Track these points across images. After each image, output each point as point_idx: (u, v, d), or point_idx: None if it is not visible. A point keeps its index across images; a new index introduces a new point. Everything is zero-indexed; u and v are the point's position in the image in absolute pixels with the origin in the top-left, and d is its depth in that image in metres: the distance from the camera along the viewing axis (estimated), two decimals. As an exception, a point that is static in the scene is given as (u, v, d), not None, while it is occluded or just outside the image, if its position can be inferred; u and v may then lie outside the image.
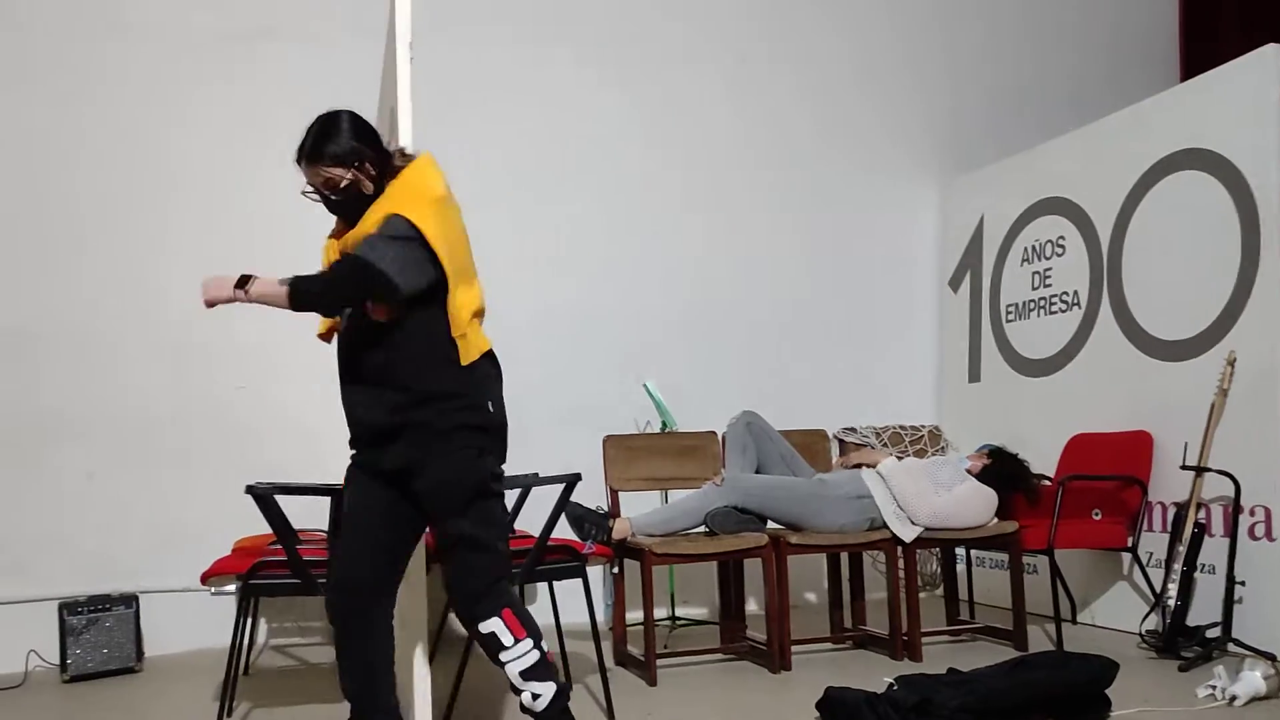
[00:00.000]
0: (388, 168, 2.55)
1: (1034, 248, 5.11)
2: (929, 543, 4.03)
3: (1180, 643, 3.77)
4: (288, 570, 3.07)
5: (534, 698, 2.52)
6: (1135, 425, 4.39)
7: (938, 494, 3.97)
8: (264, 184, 4.46)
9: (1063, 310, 4.89)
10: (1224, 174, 4.12)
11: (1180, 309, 4.27)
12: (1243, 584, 3.81)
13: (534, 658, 2.50)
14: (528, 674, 2.50)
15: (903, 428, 4.53)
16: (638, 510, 3.96)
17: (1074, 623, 4.54)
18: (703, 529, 3.88)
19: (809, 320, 5.52)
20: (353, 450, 2.63)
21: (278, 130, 2.88)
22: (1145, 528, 4.30)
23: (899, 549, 3.98)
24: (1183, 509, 3.98)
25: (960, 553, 4.65)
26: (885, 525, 3.96)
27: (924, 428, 4.55)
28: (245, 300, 2.43)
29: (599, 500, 4.12)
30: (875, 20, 5.81)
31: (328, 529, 3.43)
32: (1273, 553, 3.83)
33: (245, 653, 4.08)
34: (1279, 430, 3.84)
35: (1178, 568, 3.87)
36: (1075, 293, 4.83)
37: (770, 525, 4.01)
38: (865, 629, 4.25)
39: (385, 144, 2.61)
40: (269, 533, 3.06)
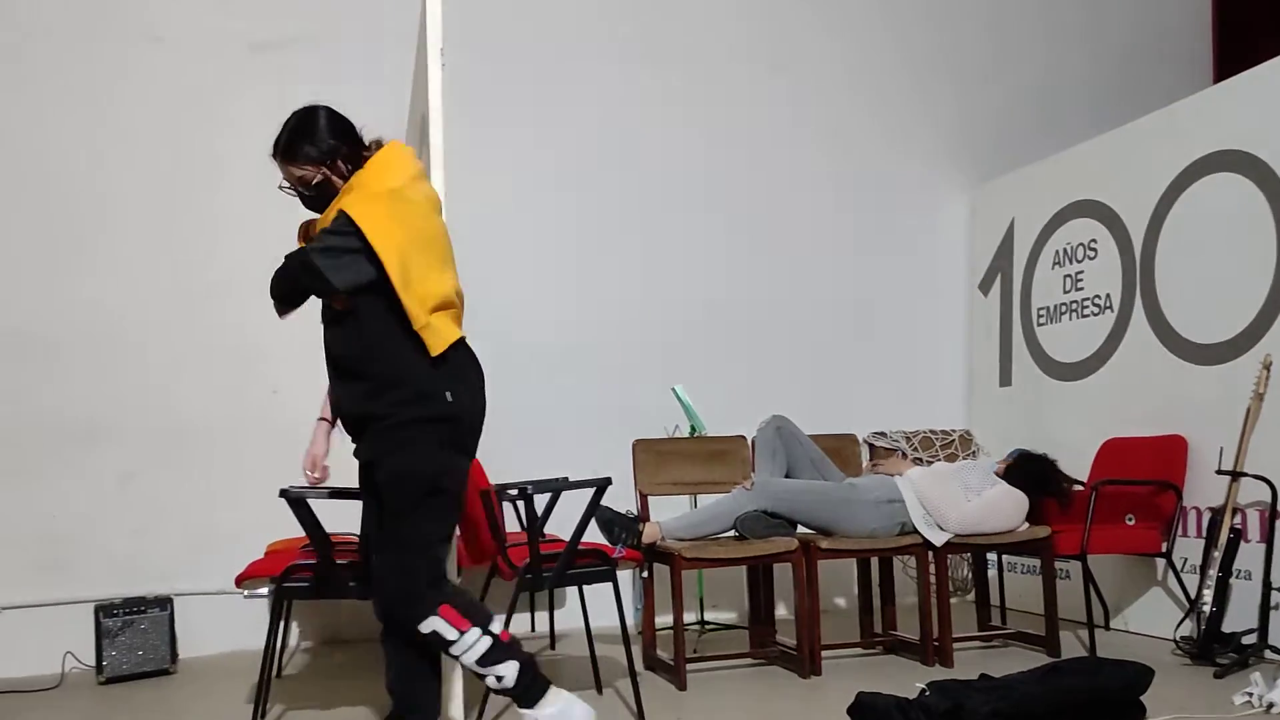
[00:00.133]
0: (359, 162, 2.56)
1: (1065, 250, 5.07)
2: (960, 547, 4.01)
3: (1216, 649, 3.72)
4: (318, 573, 3.09)
5: (498, 680, 2.50)
6: (1169, 429, 4.35)
7: (967, 499, 3.95)
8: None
9: (1095, 313, 4.85)
10: (1258, 175, 4.08)
11: (1215, 312, 4.23)
12: (1279, 590, 3.77)
13: (485, 644, 2.47)
14: (484, 660, 2.49)
15: (933, 432, 4.51)
16: (667, 514, 3.96)
17: (1107, 629, 4.50)
18: (732, 533, 3.88)
19: (839, 324, 5.51)
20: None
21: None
22: (1180, 533, 4.25)
23: (930, 554, 3.96)
24: (1218, 514, 3.93)
25: (991, 558, 4.62)
26: (916, 530, 3.94)
27: (955, 432, 4.52)
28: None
29: (628, 504, 4.12)
30: (905, 21, 5.79)
31: (360, 532, 3.46)
32: (1311, 558, 3.79)
33: (279, 655, 4.12)
34: (1317, 434, 3.80)
35: (1213, 573, 3.82)
36: (1107, 296, 4.79)
37: (800, 530, 4.00)
38: (896, 634, 4.23)
39: (361, 137, 2.62)
40: (302, 536, 3.08)
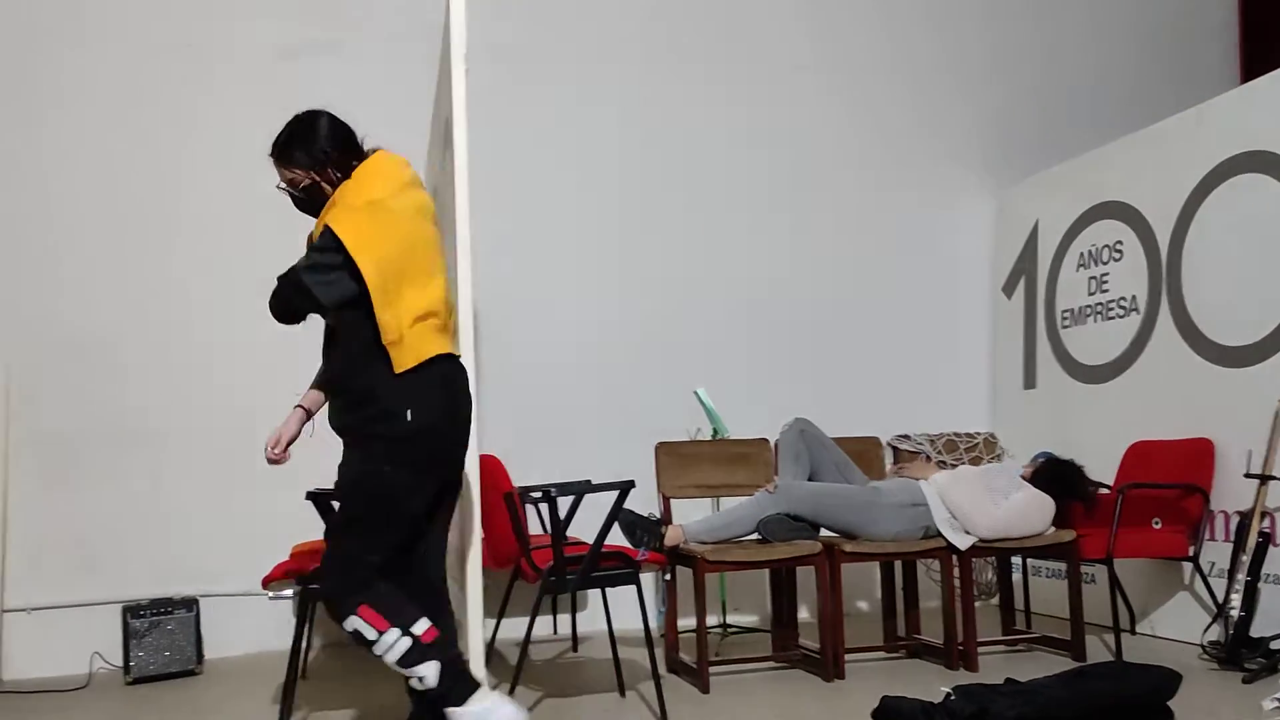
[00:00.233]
0: (348, 172, 2.58)
1: (1090, 252, 5.04)
2: (984, 551, 3.98)
3: (1244, 654, 3.68)
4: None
5: (420, 681, 2.48)
6: (1196, 432, 4.31)
7: (995, 504, 3.92)
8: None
9: (1120, 316, 4.82)
10: (1287, 176, 4.04)
11: (1242, 314, 4.19)
12: (1309, 595, 3.74)
13: (405, 645, 2.45)
14: (404, 661, 2.47)
15: (957, 435, 4.48)
16: (689, 517, 3.96)
17: (1133, 633, 4.46)
18: (755, 536, 3.87)
19: (862, 326, 5.49)
20: None
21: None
22: (1207, 537, 4.21)
23: (954, 557, 3.94)
24: (1246, 518, 3.89)
25: (1016, 561, 4.60)
26: (939, 533, 3.92)
27: (979, 435, 4.50)
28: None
29: (650, 507, 4.13)
30: (929, 23, 5.77)
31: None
32: (1341, 563, 3.75)
33: (305, 656, 4.14)
34: (1347, 438, 3.76)
35: (1241, 578, 3.79)
36: (1133, 298, 4.75)
37: (823, 533, 3.99)
38: (919, 638, 4.21)
39: (359, 145, 2.63)
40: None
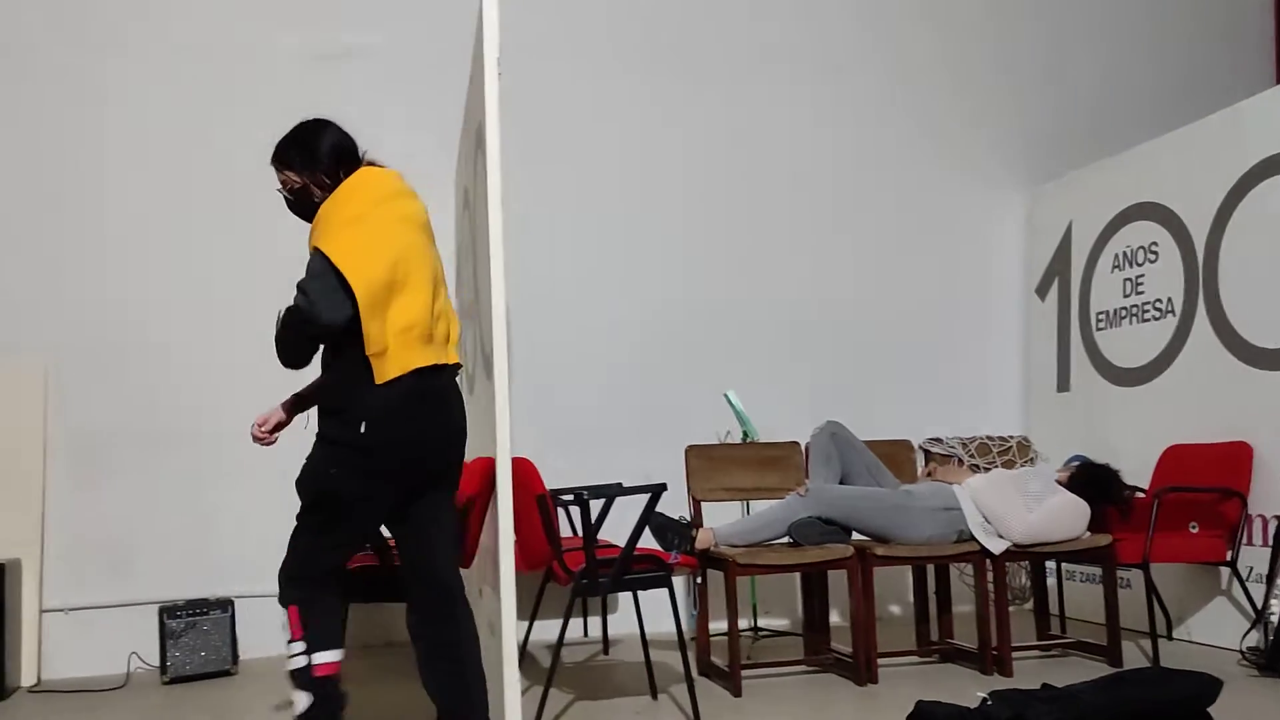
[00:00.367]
0: (339, 180, 2.59)
1: (1125, 254, 4.99)
2: (1018, 555, 3.95)
3: (1284, 661, 3.64)
4: (378, 576, 3.13)
5: (291, 704, 2.52)
6: (1233, 435, 4.26)
7: (1029, 509, 3.89)
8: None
9: (1156, 318, 4.77)
10: (1327, 176, 3.99)
11: (1281, 315, 4.14)
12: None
13: (299, 662, 2.49)
14: (291, 676, 2.52)
15: (990, 438, 4.44)
16: (719, 521, 3.96)
17: (1169, 639, 4.41)
18: (786, 540, 3.86)
19: (892, 328, 5.47)
20: None
21: (378, 146, 2.93)
22: (1245, 541, 4.16)
23: (988, 561, 3.91)
24: (1286, 522, 3.85)
25: (1050, 565, 4.55)
26: (973, 537, 3.89)
27: (1012, 438, 4.46)
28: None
29: (680, 510, 4.12)
30: (959, 21, 5.74)
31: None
32: (1384, 569, 3.69)
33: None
34: (1389, 441, 3.70)
35: (1281, 583, 3.74)
36: (1169, 299, 4.70)
37: (855, 536, 3.97)
38: (952, 642, 4.19)
39: (357, 160, 2.64)
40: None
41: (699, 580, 4.04)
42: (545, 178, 4.99)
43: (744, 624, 4.87)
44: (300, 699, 2.50)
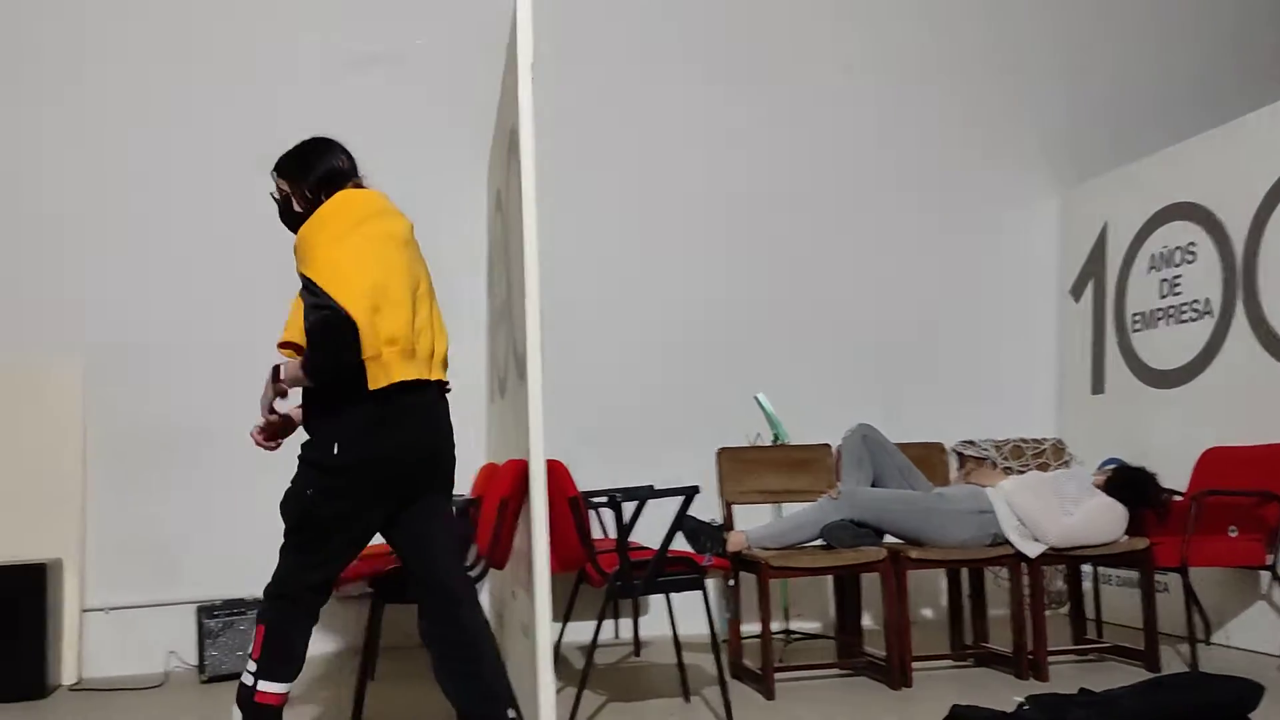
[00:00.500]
0: (317, 198, 2.62)
1: (1162, 254, 4.94)
2: (1054, 559, 3.92)
3: (1327, 667, 3.59)
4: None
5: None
6: (1273, 438, 4.20)
7: (1066, 512, 3.86)
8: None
9: (1193, 319, 4.71)
10: (1369, 175, 3.93)
11: (1322, 317, 4.08)
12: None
13: (247, 681, 2.53)
14: (239, 691, 2.55)
15: (1024, 441, 4.41)
16: (750, 523, 3.95)
17: (1208, 643, 4.36)
18: (819, 542, 3.85)
19: (925, 330, 5.44)
20: None
21: (406, 151, 2.96)
22: (1286, 545, 4.11)
23: (1023, 565, 3.88)
24: (1328, 526, 3.79)
25: (1086, 569, 4.51)
26: (1007, 541, 3.87)
27: (1046, 441, 4.43)
28: (283, 386, 2.58)
29: (711, 513, 4.12)
30: (993, 23, 5.71)
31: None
32: None
33: (375, 658, 4.19)
34: None
35: (1323, 588, 3.69)
36: (1207, 300, 4.65)
37: (887, 539, 3.96)
38: (987, 646, 4.16)
39: (340, 185, 2.63)
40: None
41: (731, 582, 4.04)
42: (576, 179, 4.99)
43: (775, 627, 4.86)
44: (235, 717, 2.55)
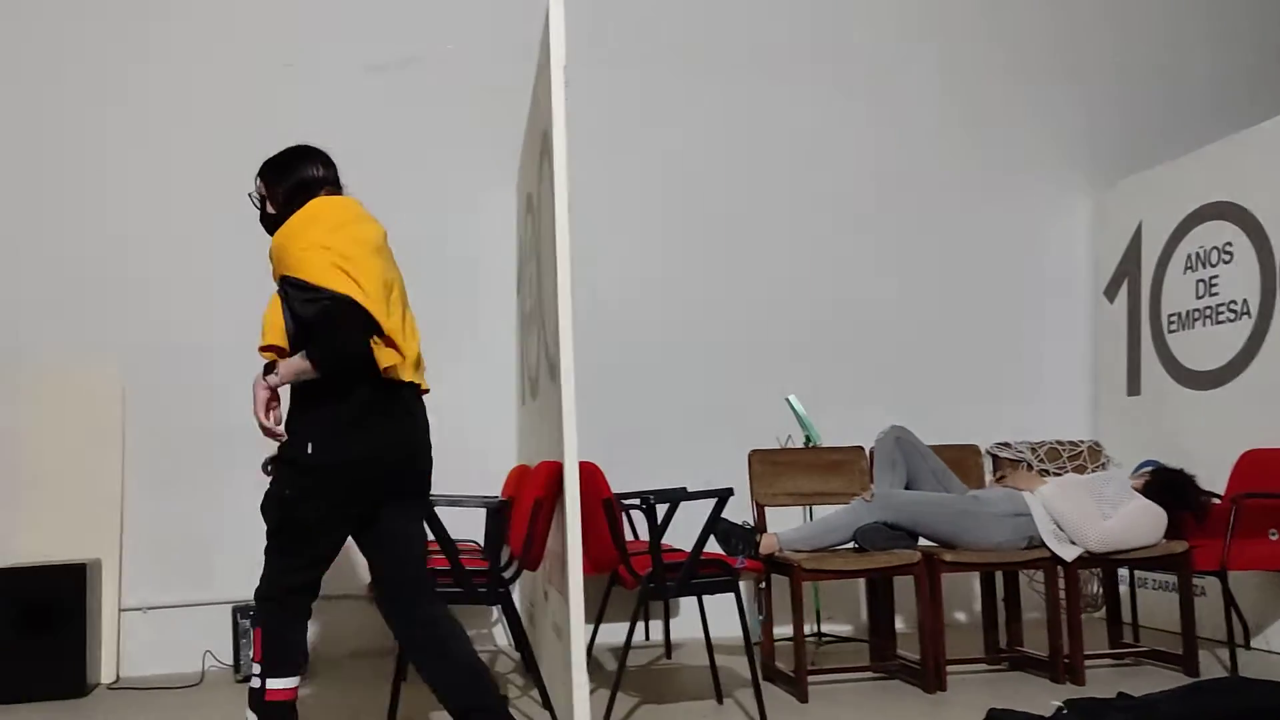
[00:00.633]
0: (283, 205, 2.65)
1: (1198, 254, 4.88)
2: (1091, 562, 3.88)
3: (1371, 673, 3.54)
4: (450, 579, 3.17)
5: None
6: (1314, 440, 4.15)
7: (1104, 515, 3.82)
8: (411, 210, 4.63)
9: (1231, 320, 4.66)
10: None
11: (1364, 317, 4.02)
12: None
13: (255, 684, 2.52)
14: (249, 695, 2.54)
15: (1060, 443, 4.37)
16: (781, 525, 3.94)
17: (1247, 648, 4.30)
18: (851, 545, 3.84)
19: (958, 331, 5.41)
20: None
21: (431, 155, 2.97)
22: (1327, 549, 4.05)
23: (1059, 568, 3.85)
24: (1371, 530, 3.74)
25: (1123, 573, 4.47)
26: (1043, 544, 3.83)
27: (1083, 443, 4.38)
28: (277, 384, 2.56)
29: (743, 515, 4.11)
30: (1028, 18, 5.67)
31: (484, 540, 3.53)
32: None
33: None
34: None
35: (1366, 592, 3.63)
36: (1244, 301, 4.59)
37: (921, 542, 3.93)
38: (1022, 650, 4.12)
39: (310, 197, 2.63)
40: (429, 540, 3.15)
41: (763, 585, 4.03)
42: (605, 180, 5.01)
43: (807, 630, 4.84)
44: (250, 718, 2.57)
